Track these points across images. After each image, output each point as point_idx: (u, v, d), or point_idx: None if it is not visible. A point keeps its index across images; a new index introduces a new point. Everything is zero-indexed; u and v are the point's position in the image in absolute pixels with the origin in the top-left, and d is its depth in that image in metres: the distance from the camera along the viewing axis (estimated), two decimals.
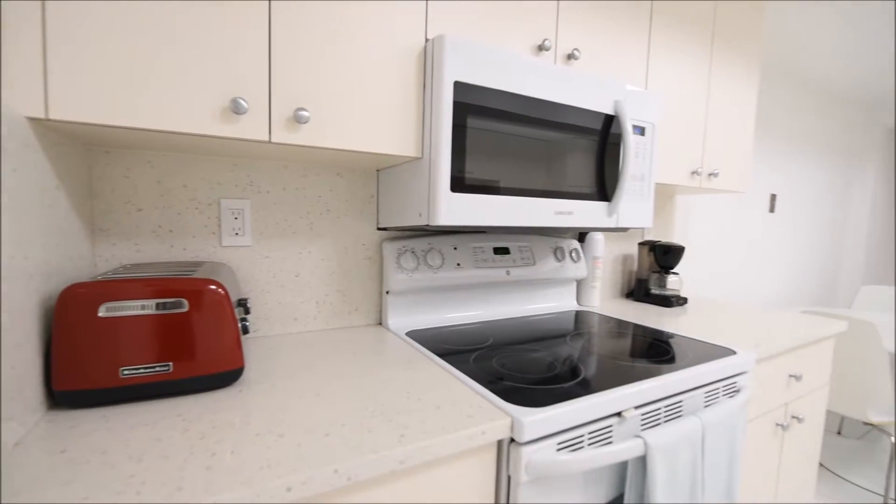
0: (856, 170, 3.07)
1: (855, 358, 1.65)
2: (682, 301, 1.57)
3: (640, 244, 1.66)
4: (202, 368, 0.71)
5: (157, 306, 0.67)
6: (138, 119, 0.65)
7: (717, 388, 0.92)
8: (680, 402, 0.84)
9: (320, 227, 1.11)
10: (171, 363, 0.69)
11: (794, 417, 1.27)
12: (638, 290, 1.67)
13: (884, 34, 1.93)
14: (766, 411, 1.18)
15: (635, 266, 1.76)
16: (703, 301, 1.66)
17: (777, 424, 1.22)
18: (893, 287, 2.47)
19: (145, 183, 0.91)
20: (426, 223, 0.88)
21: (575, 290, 1.51)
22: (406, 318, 1.18)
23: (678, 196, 1.96)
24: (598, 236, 1.51)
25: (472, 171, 0.88)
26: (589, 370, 0.85)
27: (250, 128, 0.72)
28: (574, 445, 0.69)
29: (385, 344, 1.00)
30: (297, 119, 0.74)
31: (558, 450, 0.66)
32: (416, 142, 0.89)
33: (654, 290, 1.60)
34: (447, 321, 1.21)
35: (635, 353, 0.97)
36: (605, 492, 0.76)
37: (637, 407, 0.77)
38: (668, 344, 1.06)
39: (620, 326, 1.23)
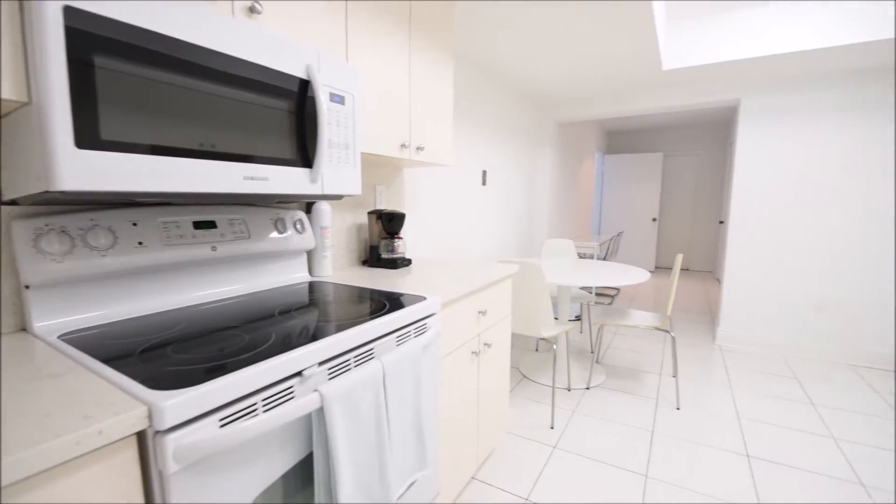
0: (539, 152, 4.07)
1: (530, 291, 2.20)
2: (406, 262, 1.76)
3: (370, 213, 1.77)
4: None
5: None
6: None
7: (409, 331, 1.05)
8: (371, 349, 0.92)
9: None
10: None
11: (485, 344, 1.60)
12: (371, 256, 1.78)
13: (550, 55, 2.55)
14: (462, 343, 1.44)
15: (368, 234, 1.86)
16: (426, 261, 1.90)
17: (472, 352, 1.51)
18: (565, 239, 3.39)
19: None
20: (45, 188, 0.68)
21: (306, 261, 1.49)
22: (65, 316, 0.92)
23: (406, 169, 2.16)
24: (325, 206, 1.52)
25: (115, 125, 0.72)
26: (280, 338, 0.83)
27: None
28: (247, 415, 0.66)
29: (11, 356, 0.75)
30: None
31: (223, 425, 0.63)
32: (15, 80, 0.66)
33: (384, 255, 1.74)
34: (129, 313, 1.00)
35: (339, 313, 1.02)
36: (299, 451, 0.78)
37: (323, 362, 0.80)
38: (374, 300, 1.15)
39: (341, 291, 1.27)
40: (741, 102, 3.17)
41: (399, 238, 1.75)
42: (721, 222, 5.93)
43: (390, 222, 1.72)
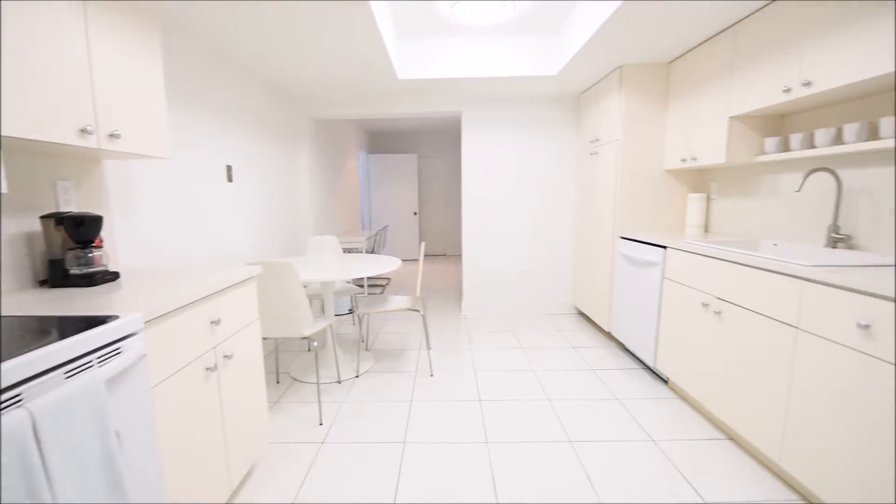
0: (297, 149, 3.94)
1: (284, 291, 2.12)
2: (111, 276, 1.43)
3: (44, 217, 1.36)
4: None
5: None
6: None
7: (89, 362, 0.86)
8: (17, 395, 0.71)
9: None
10: None
11: (225, 357, 1.46)
12: (54, 274, 1.38)
13: (297, 54, 2.45)
14: (191, 360, 1.27)
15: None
16: (147, 271, 1.60)
17: (207, 368, 1.35)
18: (329, 236, 3.39)
19: None
20: None
21: None
22: None
23: (108, 162, 1.75)
24: None
25: None
26: None
27: None
28: None
29: None
30: None
31: None
32: None
33: (75, 270, 1.37)
34: None
35: None
36: None
37: None
38: (32, 331, 0.89)
39: None
40: (463, 113, 3.83)
41: (97, 248, 1.41)
42: None
43: (79, 228, 1.37)
